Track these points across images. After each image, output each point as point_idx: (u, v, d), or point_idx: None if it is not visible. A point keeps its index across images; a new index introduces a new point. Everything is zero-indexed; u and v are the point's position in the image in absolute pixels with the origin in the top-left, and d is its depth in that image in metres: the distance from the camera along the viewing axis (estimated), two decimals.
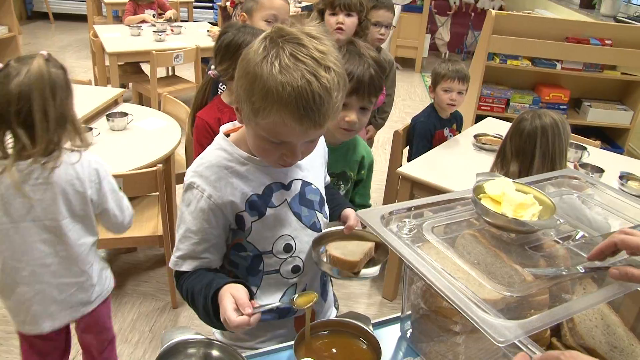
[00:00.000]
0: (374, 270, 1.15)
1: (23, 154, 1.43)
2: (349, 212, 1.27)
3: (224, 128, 1.21)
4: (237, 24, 2.01)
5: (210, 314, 1.03)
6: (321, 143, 1.31)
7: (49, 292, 1.58)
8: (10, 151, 1.45)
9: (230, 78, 1.95)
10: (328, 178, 1.44)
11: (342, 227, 1.22)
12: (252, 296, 1.00)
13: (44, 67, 1.42)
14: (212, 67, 2.02)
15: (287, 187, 1.18)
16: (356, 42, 1.52)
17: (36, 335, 1.62)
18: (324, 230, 1.23)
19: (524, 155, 1.95)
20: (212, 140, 1.20)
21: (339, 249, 1.16)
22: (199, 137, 1.95)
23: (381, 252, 1.20)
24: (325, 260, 1.17)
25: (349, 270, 1.12)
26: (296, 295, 1.06)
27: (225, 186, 1.11)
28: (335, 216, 1.30)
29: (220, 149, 1.15)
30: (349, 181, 1.69)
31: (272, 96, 0.93)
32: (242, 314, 0.94)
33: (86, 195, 1.54)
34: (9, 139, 1.46)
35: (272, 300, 1.21)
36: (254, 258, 1.18)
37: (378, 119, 2.98)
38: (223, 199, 1.11)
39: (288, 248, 1.18)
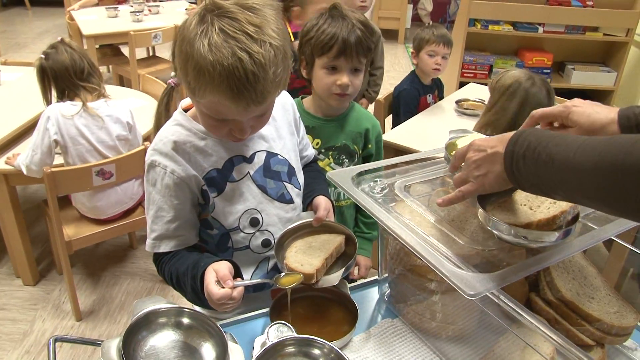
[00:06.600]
0: (335, 277, 1.05)
1: None
2: (319, 200, 1.19)
3: (183, 103, 1.17)
4: None
5: (200, 294, 1.00)
6: (290, 109, 1.27)
7: None
8: None
9: None
10: (312, 150, 1.39)
11: (311, 220, 1.15)
12: (239, 274, 0.98)
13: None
14: (173, 73, 1.70)
15: (250, 159, 1.14)
16: (339, 5, 1.45)
17: None
18: (292, 225, 1.15)
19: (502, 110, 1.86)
20: None
21: (300, 252, 1.08)
22: None
23: (352, 245, 1.13)
24: (284, 267, 1.07)
25: (306, 281, 1.02)
26: (282, 275, 1.02)
27: (186, 161, 1.08)
28: (307, 205, 1.23)
29: (178, 124, 1.12)
30: (353, 156, 1.58)
31: (204, 77, 0.90)
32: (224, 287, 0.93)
33: None
34: None
35: (244, 275, 1.19)
36: (221, 236, 1.15)
37: (371, 92, 2.95)
38: (187, 172, 1.08)
39: (254, 222, 1.15)
